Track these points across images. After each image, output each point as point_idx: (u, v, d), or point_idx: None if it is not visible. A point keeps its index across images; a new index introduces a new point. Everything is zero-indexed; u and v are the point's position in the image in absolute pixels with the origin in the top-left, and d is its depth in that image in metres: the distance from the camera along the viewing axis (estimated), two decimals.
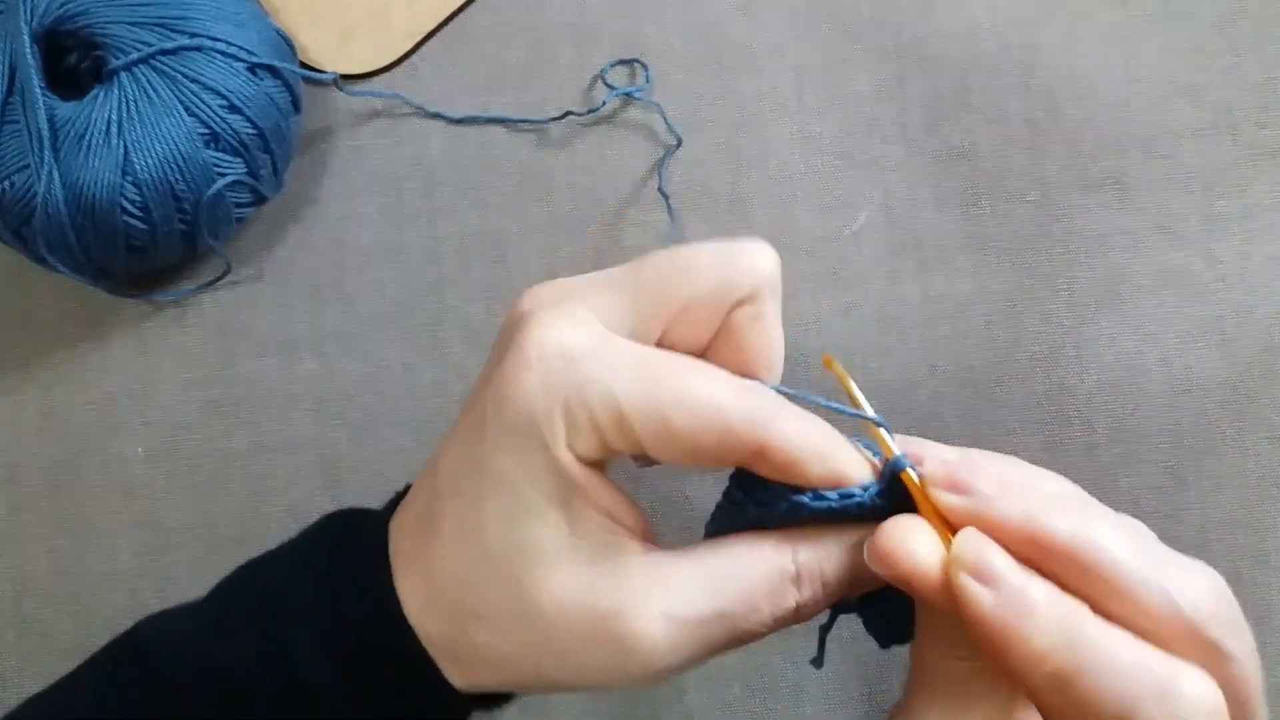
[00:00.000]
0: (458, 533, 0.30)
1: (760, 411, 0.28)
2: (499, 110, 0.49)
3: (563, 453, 0.28)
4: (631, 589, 0.28)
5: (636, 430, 0.28)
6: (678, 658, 0.28)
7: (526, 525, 0.29)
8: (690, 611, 0.28)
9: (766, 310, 0.30)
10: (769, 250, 0.30)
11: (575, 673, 0.29)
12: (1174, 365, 0.48)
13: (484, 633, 0.30)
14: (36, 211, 0.42)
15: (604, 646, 0.28)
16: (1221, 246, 0.48)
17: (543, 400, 0.28)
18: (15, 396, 0.48)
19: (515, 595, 0.29)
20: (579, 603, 0.28)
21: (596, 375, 0.28)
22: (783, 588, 0.29)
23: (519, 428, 0.28)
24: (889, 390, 0.48)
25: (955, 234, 0.48)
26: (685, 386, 0.28)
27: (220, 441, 0.48)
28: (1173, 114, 0.49)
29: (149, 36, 0.43)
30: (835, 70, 0.49)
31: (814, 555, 0.29)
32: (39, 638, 0.47)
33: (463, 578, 0.30)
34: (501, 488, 0.29)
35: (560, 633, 0.29)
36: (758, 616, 0.29)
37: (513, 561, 0.29)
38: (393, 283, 0.48)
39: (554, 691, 0.30)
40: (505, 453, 0.29)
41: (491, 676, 0.30)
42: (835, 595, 0.30)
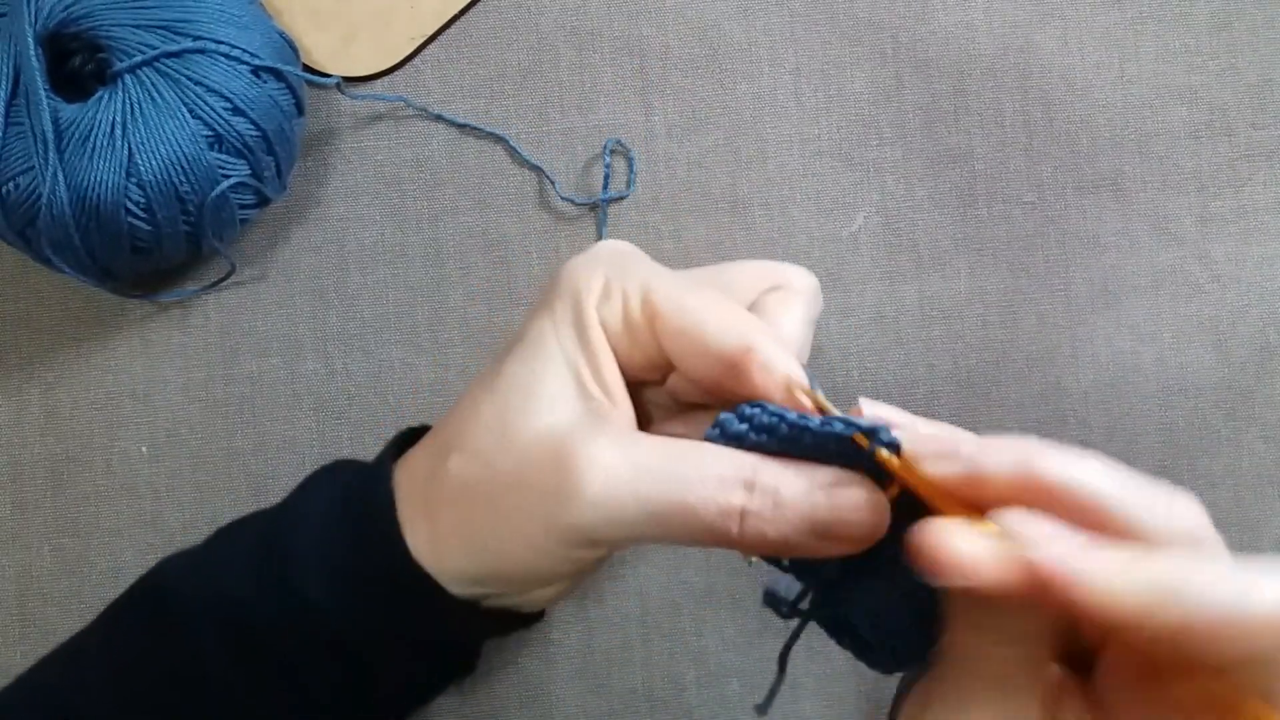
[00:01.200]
0: (474, 391, 0.33)
1: (762, 328, 0.31)
2: (501, 113, 0.49)
3: (589, 309, 0.31)
4: (596, 432, 0.30)
5: (658, 303, 0.30)
6: (616, 497, 0.29)
7: (535, 369, 0.31)
8: (643, 460, 0.29)
9: (795, 302, 0.33)
10: (813, 275, 0.34)
11: (520, 512, 0.30)
12: (1169, 365, 0.48)
13: (457, 459, 0.31)
14: (41, 213, 0.43)
15: (552, 471, 0.29)
16: (1217, 247, 0.49)
17: (589, 269, 0.32)
18: (19, 395, 0.48)
19: (504, 422, 0.31)
20: (548, 431, 0.30)
21: (640, 263, 0.32)
22: (733, 484, 0.29)
23: (561, 288, 0.32)
24: (886, 390, 0.48)
25: (952, 235, 0.49)
26: (708, 293, 0.32)
27: (223, 441, 0.48)
28: (1168, 115, 0.49)
29: (153, 39, 0.43)
30: (833, 72, 0.49)
31: (777, 472, 0.29)
32: (42, 636, 0.47)
33: (463, 416, 0.32)
34: (528, 340, 0.32)
35: (524, 455, 0.30)
36: (701, 498, 0.29)
37: (514, 395, 0.31)
38: (395, 283, 0.49)
39: (512, 566, 0.31)
40: (543, 311, 0.32)
41: (457, 537, 0.31)
42: (786, 526, 0.29)
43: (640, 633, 0.47)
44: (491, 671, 0.47)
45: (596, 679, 0.47)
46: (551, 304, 0.32)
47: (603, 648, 0.47)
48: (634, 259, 0.33)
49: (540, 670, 0.47)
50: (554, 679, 0.47)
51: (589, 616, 0.47)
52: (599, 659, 0.47)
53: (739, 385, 0.30)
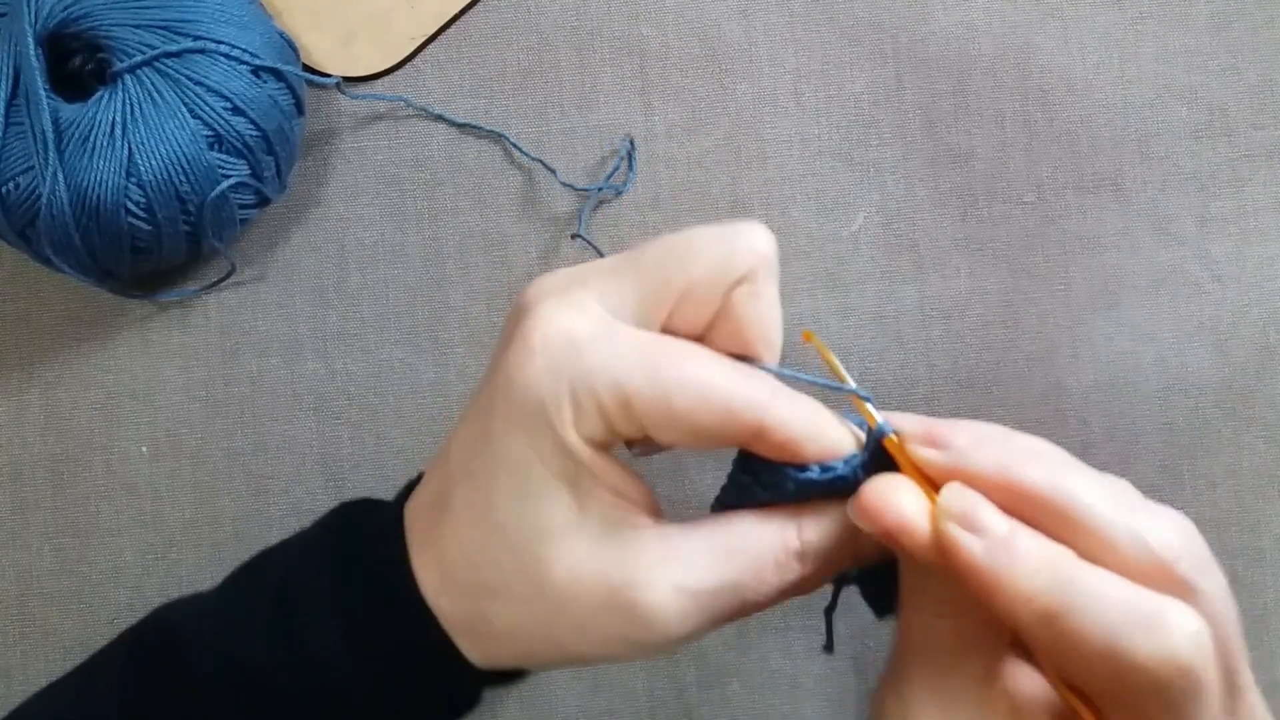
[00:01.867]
0: (469, 513, 0.30)
1: (759, 394, 0.29)
2: (501, 113, 0.49)
3: (570, 436, 0.29)
4: (642, 561, 0.29)
5: (640, 413, 0.28)
6: (688, 627, 0.29)
7: (537, 504, 0.29)
8: (700, 583, 0.29)
9: (764, 288, 0.31)
10: (764, 230, 0.31)
11: (590, 644, 0.30)
12: (1169, 365, 0.48)
13: (499, 608, 0.30)
14: (41, 213, 0.43)
15: (618, 617, 0.29)
16: (1217, 247, 0.49)
17: (549, 386, 0.29)
18: (19, 395, 0.48)
19: (528, 571, 0.30)
20: (592, 575, 0.29)
21: (601, 361, 0.29)
22: (788, 560, 0.30)
23: (526, 412, 0.29)
24: (886, 390, 0.48)
25: (952, 235, 0.49)
26: (687, 371, 0.29)
27: (223, 441, 0.48)
28: (1169, 115, 0.49)
29: (153, 39, 0.43)
30: (833, 72, 0.49)
31: (816, 529, 0.30)
32: (42, 636, 0.47)
33: (475, 556, 0.30)
34: (511, 469, 0.30)
35: (574, 605, 0.29)
36: (764, 588, 0.30)
37: (524, 539, 0.30)
38: (395, 283, 0.49)
39: (571, 664, 0.31)
40: (514, 436, 0.29)
41: (509, 651, 0.31)
42: (837, 567, 0.30)
43: None
44: None
45: (596, 679, 0.47)
46: (525, 433, 0.29)
47: None
48: (592, 354, 0.29)
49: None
50: (554, 679, 0.47)
51: None
52: None
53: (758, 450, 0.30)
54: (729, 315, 0.30)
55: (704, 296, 0.30)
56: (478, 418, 0.31)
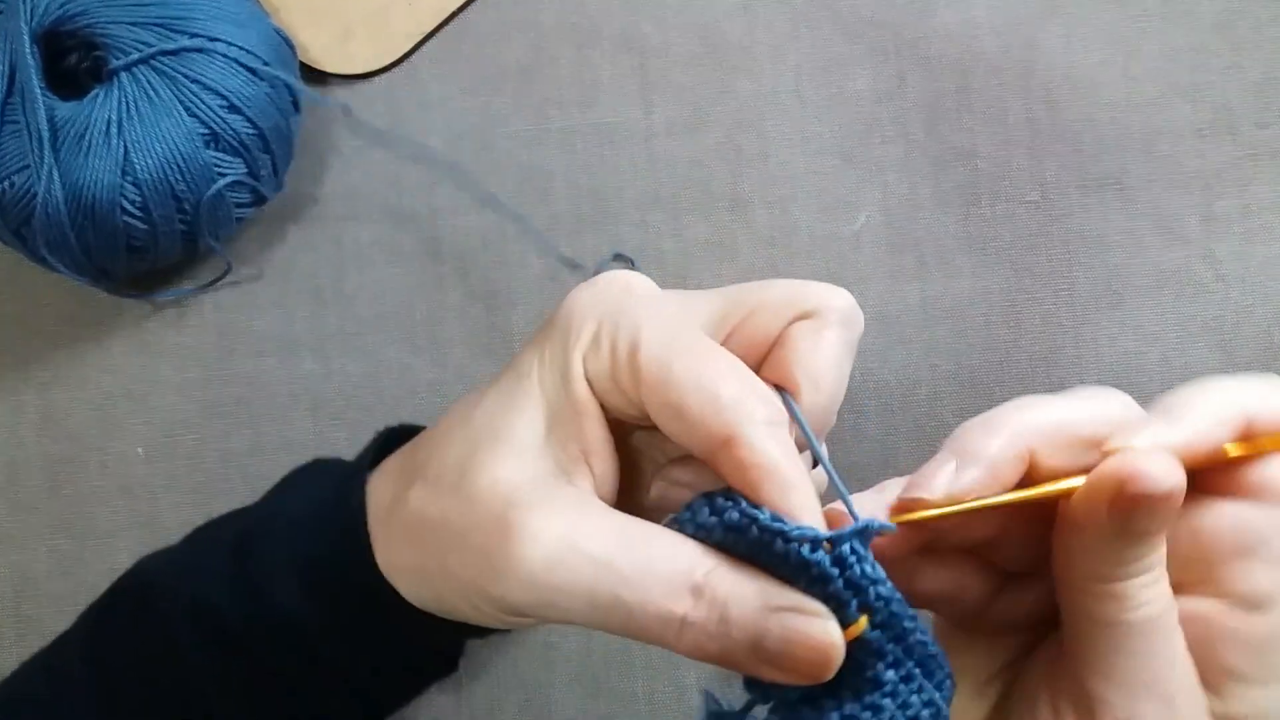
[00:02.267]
0: (451, 418, 0.31)
1: (751, 410, 0.28)
2: (500, 110, 0.49)
3: (575, 357, 0.29)
4: (550, 500, 0.28)
5: (641, 366, 0.28)
6: (549, 581, 0.27)
7: (511, 410, 0.30)
8: (585, 547, 0.27)
9: (827, 330, 0.30)
10: (849, 295, 0.31)
11: (462, 562, 0.29)
12: (1173, 365, 0.48)
13: (419, 490, 0.30)
14: (36, 211, 0.42)
15: (493, 535, 0.28)
16: (1221, 246, 0.48)
17: (583, 310, 0.30)
18: (15, 396, 0.48)
19: (465, 462, 0.29)
20: (501, 489, 0.29)
21: (638, 310, 0.29)
22: (679, 589, 0.27)
23: (554, 328, 0.30)
24: (888, 390, 0.48)
25: (955, 234, 0.48)
26: (699, 353, 0.29)
27: (219, 441, 0.48)
28: (1172, 114, 0.49)
29: (149, 37, 0.43)
30: (835, 70, 0.49)
31: (730, 584, 0.27)
32: (38, 637, 0.47)
33: (435, 443, 0.31)
34: (514, 374, 0.30)
35: (472, 510, 0.29)
36: (642, 598, 0.27)
37: (484, 435, 0.30)
38: (392, 283, 0.48)
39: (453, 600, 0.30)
40: (533, 348, 0.31)
41: (403, 549, 0.31)
42: (730, 644, 0.27)
43: None
44: (490, 674, 0.47)
45: (596, 682, 0.47)
46: (543, 342, 0.30)
47: (602, 651, 0.47)
48: (635, 302, 0.30)
49: (539, 673, 0.47)
50: (553, 682, 0.47)
51: None
52: (598, 662, 0.47)
53: (720, 472, 0.28)
54: (783, 342, 0.30)
55: (764, 321, 0.30)
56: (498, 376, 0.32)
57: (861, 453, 0.48)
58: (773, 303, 0.30)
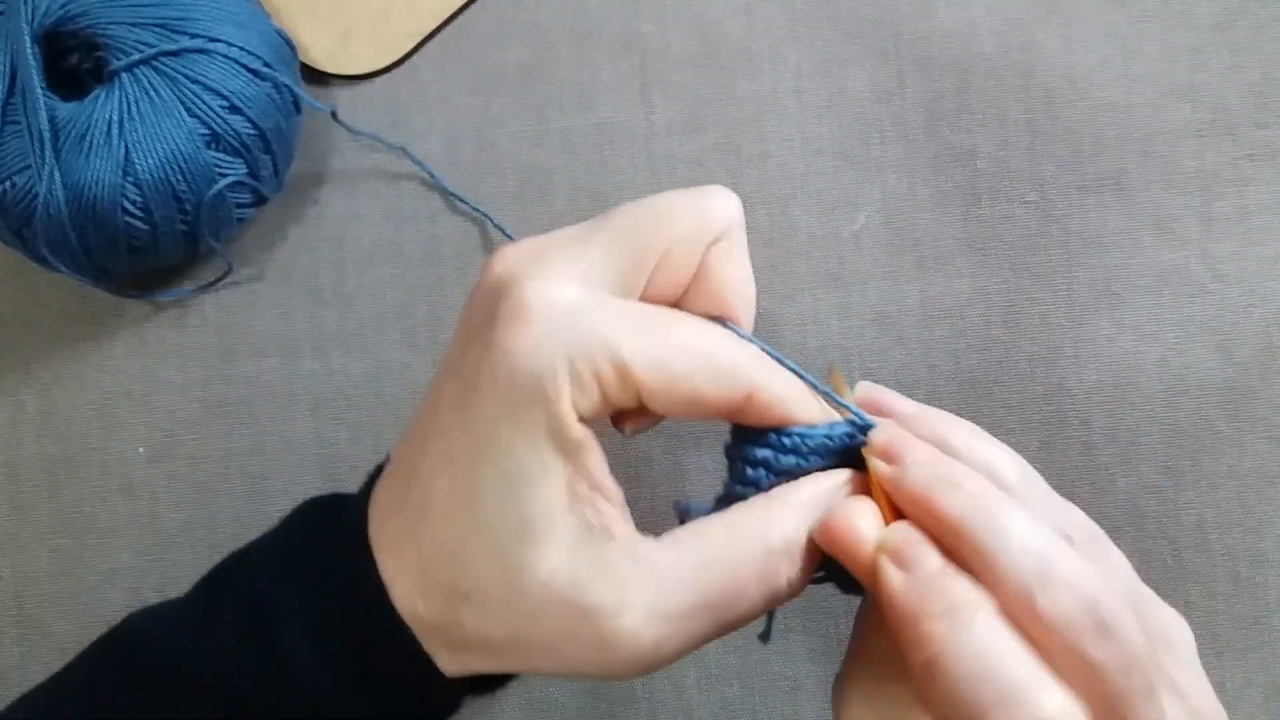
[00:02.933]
0: (448, 506, 0.29)
1: (748, 356, 0.30)
2: (500, 111, 0.49)
3: (566, 410, 0.28)
4: (615, 585, 0.28)
5: (640, 379, 0.28)
6: (664, 653, 0.28)
7: (521, 494, 0.28)
8: (677, 607, 0.28)
9: (737, 245, 0.31)
10: (729, 191, 0.31)
11: (561, 662, 0.29)
12: (1172, 365, 0.48)
13: (472, 615, 0.29)
14: (37, 212, 0.42)
15: (589, 642, 0.28)
16: (1220, 247, 0.48)
17: (547, 356, 0.27)
18: (16, 396, 0.48)
19: (505, 575, 0.28)
20: (564, 593, 0.28)
21: (598, 327, 0.28)
22: (769, 563, 0.29)
23: (519, 388, 0.28)
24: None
25: (954, 234, 0.49)
26: (683, 335, 0.29)
27: (220, 441, 0.48)
28: (1171, 114, 0.49)
29: (150, 37, 0.43)
30: (834, 70, 0.49)
31: (790, 522, 0.29)
32: (39, 637, 0.47)
33: (454, 554, 0.29)
34: (500, 456, 0.28)
35: (546, 621, 0.28)
36: (746, 602, 0.29)
37: (506, 536, 0.28)
38: (393, 283, 0.49)
39: (545, 675, 0.31)
40: (504, 416, 0.28)
41: (481, 660, 0.30)
42: (817, 559, 0.30)
43: None
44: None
45: (595, 682, 0.47)
46: (514, 412, 0.28)
47: None
48: (585, 319, 0.28)
49: None
50: (553, 681, 0.47)
51: None
52: None
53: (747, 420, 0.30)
54: (706, 275, 0.31)
55: (683, 258, 0.30)
56: (457, 401, 0.29)
57: None
58: (682, 237, 0.30)
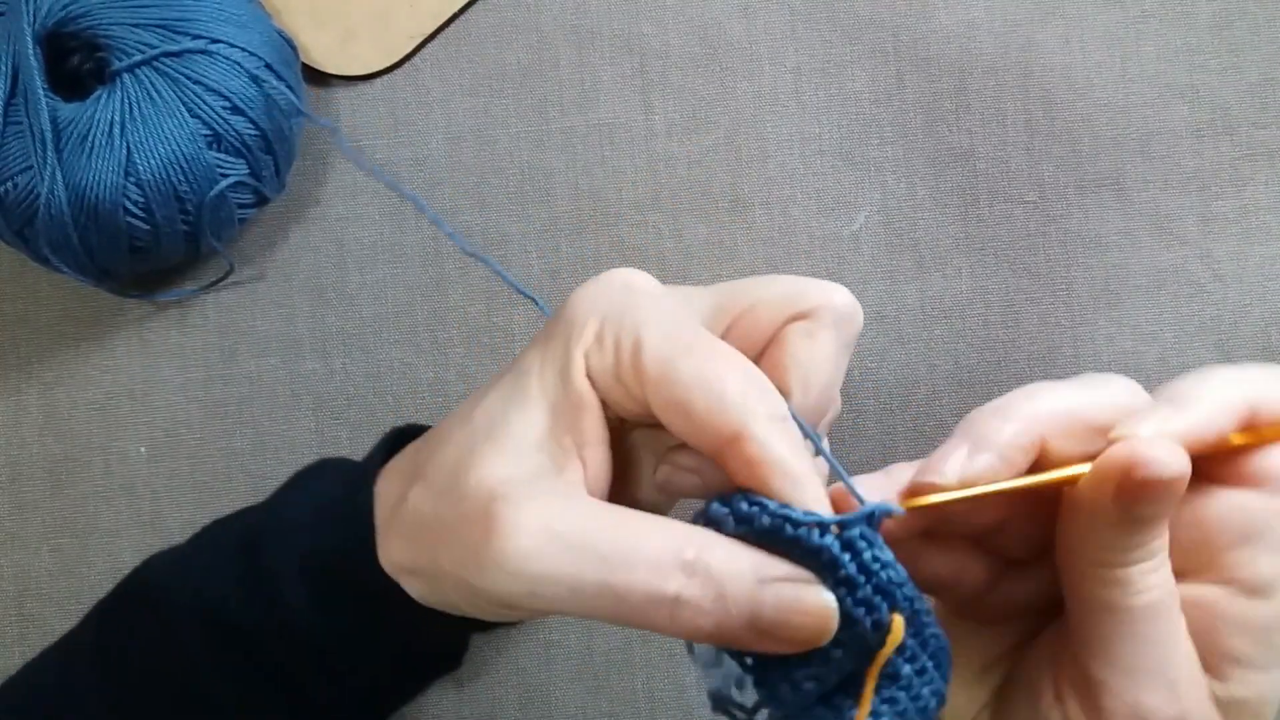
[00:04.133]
0: (457, 412, 0.32)
1: (755, 405, 0.28)
2: (501, 111, 0.49)
3: (577, 355, 0.29)
4: (533, 490, 0.28)
5: (645, 365, 0.28)
6: (533, 571, 0.27)
7: (510, 407, 0.30)
8: (566, 533, 0.27)
9: (822, 331, 0.30)
10: (848, 293, 0.31)
11: (450, 558, 0.29)
12: (1171, 365, 0.48)
13: (416, 492, 0.30)
14: (39, 212, 0.42)
15: (479, 527, 0.28)
16: (1219, 247, 0.48)
17: (586, 307, 0.30)
18: (18, 396, 0.48)
19: (458, 462, 0.29)
20: (489, 483, 0.28)
21: (640, 307, 0.29)
22: (669, 567, 0.27)
23: (557, 326, 0.30)
24: (886, 390, 0.48)
25: (953, 234, 0.49)
26: (702, 349, 0.29)
27: (222, 441, 0.48)
28: (1170, 114, 0.49)
29: (151, 38, 0.43)
30: (834, 71, 0.49)
31: (723, 558, 0.27)
32: (41, 636, 0.47)
33: (435, 442, 0.31)
34: (514, 375, 0.30)
35: (461, 504, 0.29)
36: (628, 580, 0.26)
37: (478, 433, 0.30)
38: (394, 283, 0.49)
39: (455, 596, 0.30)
40: (536, 346, 0.31)
41: (407, 551, 0.31)
42: (725, 619, 0.27)
43: (640, 634, 0.47)
44: (491, 673, 0.47)
45: (596, 680, 0.47)
46: (546, 340, 0.30)
47: (603, 649, 0.47)
48: (637, 300, 0.30)
49: (540, 671, 0.47)
50: (553, 680, 0.47)
51: None
52: (599, 660, 0.47)
53: (727, 470, 0.28)
54: (779, 343, 0.30)
55: (761, 318, 0.30)
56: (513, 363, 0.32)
57: (861, 451, 0.48)
58: (770, 300, 0.30)
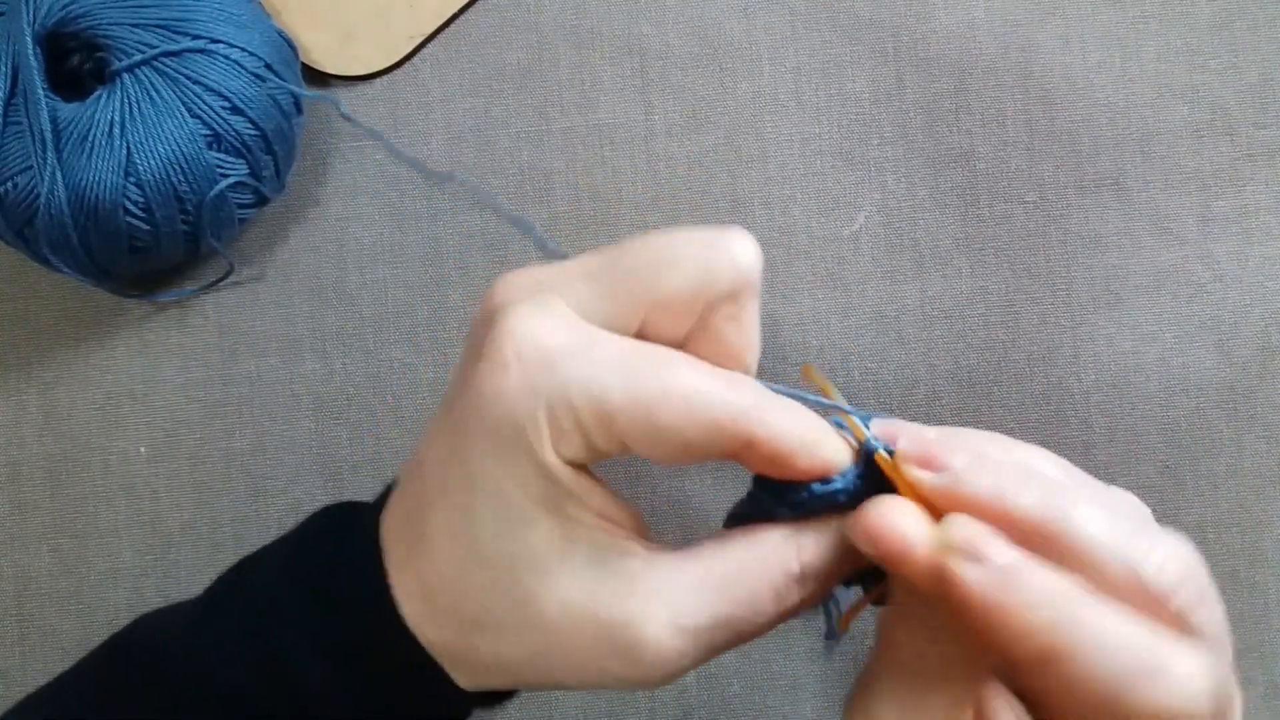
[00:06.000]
0: (447, 538, 0.29)
1: (747, 404, 0.27)
2: (501, 112, 0.49)
3: (549, 458, 0.27)
4: (636, 596, 0.28)
5: (622, 428, 0.27)
6: (685, 663, 0.28)
7: (520, 533, 0.28)
8: (697, 619, 0.28)
9: (746, 309, 0.29)
10: (750, 241, 0.29)
11: (583, 677, 0.29)
12: (1171, 365, 0.48)
13: (486, 640, 0.29)
14: (39, 212, 0.42)
15: (613, 656, 0.28)
16: (1219, 247, 0.48)
17: (524, 403, 0.27)
18: (17, 396, 0.48)
19: (516, 604, 0.28)
20: (583, 610, 0.28)
21: (578, 373, 0.27)
22: (787, 588, 0.29)
23: (501, 433, 0.27)
24: (886, 390, 0.48)
25: (953, 234, 0.49)
26: (670, 380, 0.27)
27: (222, 441, 0.48)
28: (1170, 114, 0.49)
29: (151, 38, 0.43)
30: (834, 71, 0.49)
31: (816, 551, 0.29)
32: (40, 637, 0.47)
33: (458, 585, 0.29)
34: (489, 495, 0.28)
35: (567, 640, 0.28)
36: (763, 617, 0.29)
37: (510, 570, 0.28)
38: (394, 283, 0.49)
39: (563, 689, 0.31)
40: (489, 458, 0.28)
41: (500, 678, 0.30)
42: (834, 583, 0.30)
43: None
44: None
45: None
46: (501, 454, 0.27)
47: None
48: (567, 366, 0.27)
49: None
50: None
51: None
52: None
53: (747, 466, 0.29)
54: (706, 332, 0.29)
55: (680, 310, 0.29)
56: (449, 434, 0.29)
57: None
58: (686, 290, 0.28)
